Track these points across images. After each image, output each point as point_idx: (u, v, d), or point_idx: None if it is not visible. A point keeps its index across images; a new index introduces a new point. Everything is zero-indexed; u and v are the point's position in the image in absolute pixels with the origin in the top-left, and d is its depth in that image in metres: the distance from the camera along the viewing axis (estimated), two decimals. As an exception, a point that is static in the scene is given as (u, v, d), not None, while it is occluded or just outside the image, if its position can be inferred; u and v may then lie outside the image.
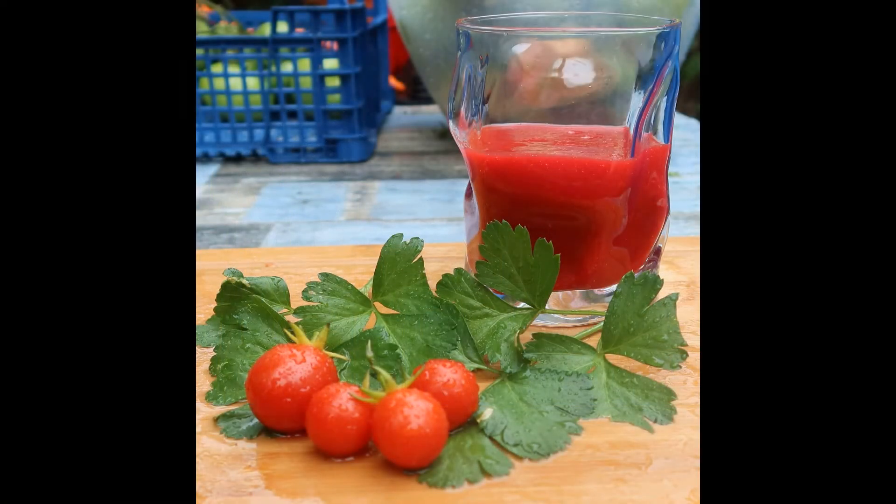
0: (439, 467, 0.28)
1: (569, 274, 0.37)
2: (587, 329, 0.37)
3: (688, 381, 0.33)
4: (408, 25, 0.72)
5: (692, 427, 0.30)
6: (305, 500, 0.26)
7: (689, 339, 0.36)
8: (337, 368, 0.32)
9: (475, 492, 0.27)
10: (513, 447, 0.29)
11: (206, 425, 0.31)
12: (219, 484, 0.27)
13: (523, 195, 0.37)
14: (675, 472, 0.28)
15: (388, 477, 0.27)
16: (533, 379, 0.32)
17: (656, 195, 0.38)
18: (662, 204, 0.39)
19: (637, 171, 0.36)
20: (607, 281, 0.38)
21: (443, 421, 0.27)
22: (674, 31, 0.36)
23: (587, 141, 0.37)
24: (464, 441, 0.29)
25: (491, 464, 0.28)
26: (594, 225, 0.37)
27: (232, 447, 0.29)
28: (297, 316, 0.35)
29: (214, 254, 0.49)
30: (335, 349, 0.34)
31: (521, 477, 0.27)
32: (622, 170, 0.36)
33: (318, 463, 0.28)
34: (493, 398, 0.31)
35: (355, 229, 0.58)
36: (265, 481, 0.27)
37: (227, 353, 0.34)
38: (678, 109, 1.14)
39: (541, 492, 0.27)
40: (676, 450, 0.29)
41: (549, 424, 0.30)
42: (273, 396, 0.29)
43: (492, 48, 0.36)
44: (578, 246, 0.37)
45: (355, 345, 0.34)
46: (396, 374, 0.32)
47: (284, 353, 0.30)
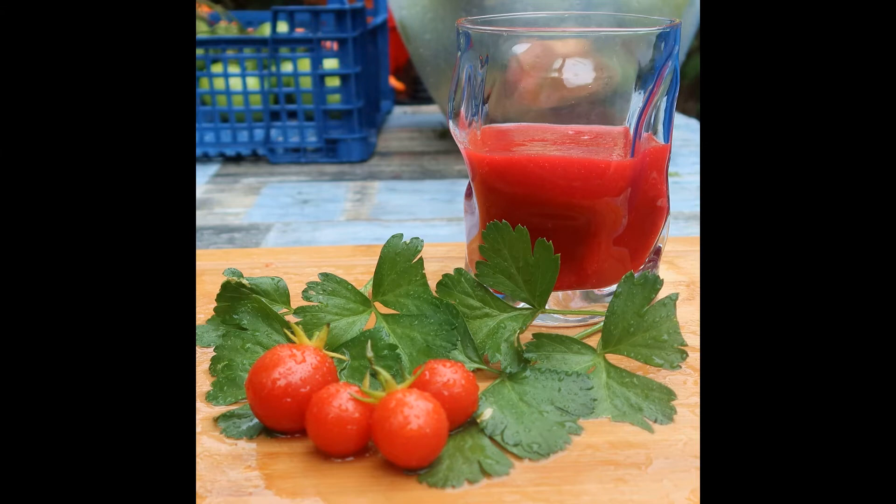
0: (439, 467, 0.28)
1: (569, 274, 0.37)
2: (587, 329, 0.37)
3: (688, 381, 0.33)
4: (408, 25, 0.72)
5: (692, 427, 0.30)
6: (305, 500, 0.26)
7: (689, 339, 0.36)
8: (337, 368, 0.32)
9: (475, 492, 0.27)
10: (513, 447, 0.29)
11: (206, 425, 0.31)
12: (219, 484, 0.27)
13: (523, 195, 0.37)
14: (675, 472, 0.28)
15: (388, 477, 0.27)
16: (533, 379, 0.32)
17: (656, 195, 0.38)
18: (662, 204, 0.39)
19: (637, 171, 0.36)
20: (607, 281, 0.38)
21: (443, 421, 0.27)
22: (674, 31, 0.36)
23: (587, 141, 0.37)
24: (464, 441, 0.29)
25: (491, 464, 0.28)
26: (594, 225, 0.37)
27: (232, 447, 0.29)
28: (297, 316, 0.35)
29: (214, 254, 0.49)
30: (335, 349, 0.34)
31: (521, 477, 0.27)
32: (622, 170, 0.36)
33: (318, 463, 0.28)
34: (493, 398, 0.31)
35: (355, 229, 0.58)
36: (265, 481, 0.27)
37: (227, 353, 0.34)
38: (678, 109, 1.14)
39: (541, 492, 0.27)
40: (676, 450, 0.29)
41: (549, 424, 0.30)
42: (273, 396, 0.29)
43: (492, 48, 0.36)
44: (578, 246, 0.37)
45: (355, 345, 0.34)
46: (396, 374, 0.32)
47: (284, 353, 0.30)
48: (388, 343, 0.34)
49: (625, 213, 0.37)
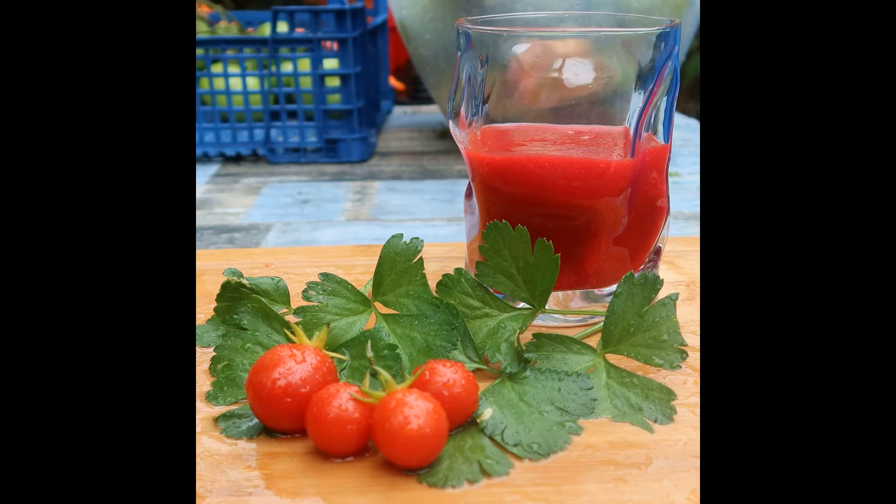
0: (439, 467, 0.28)
1: (568, 274, 0.37)
2: (587, 329, 0.37)
3: (688, 381, 0.33)
4: (408, 25, 0.72)
5: (692, 427, 0.30)
6: (305, 500, 0.26)
7: (689, 339, 0.36)
8: (337, 368, 0.32)
9: (475, 492, 0.27)
10: (513, 447, 0.29)
11: (206, 425, 0.31)
12: (219, 484, 0.27)
13: (523, 195, 0.37)
14: (675, 472, 0.28)
15: (388, 477, 0.27)
16: (533, 379, 0.32)
17: (656, 195, 0.38)
18: (662, 204, 0.39)
19: (637, 171, 0.36)
20: (607, 281, 0.38)
21: (443, 421, 0.27)
22: (674, 31, 0.36)
23: (587, 141, 0.37)
24: (464, 441, 0.29)
25: (491, 464, 0.28)
26: (594, 225, 0.37)
27: (232, 447, 0.29)
28: (297, 316, 0.35)
29: (214, 254, 0.49)
30: (335, 349, 0.34)
31: (521, 477, 0.27)
32: (622, 170, 0.36)
33: (318, 463, 0.28)
34: (493, 398, 0.31)
35: (355, 229, 0.58)
36: (265, 481, 0.27)
37: (227, 353, 0.34)
38: (678, 109, 1.14)
39: (541, 492, 0.27)
40: (676, 450, 0.29)
41: (549, 424, 0.30)
42: (273, 396, 0.29)
43: (492, 48, 0.36)
44: (578, 246, 0.37)
45: (355, 345, 0.34)
46: (396, 374, 0.32)
47: (284, 353, 0.30)
48: (388, 343, 0.34)
49: (625, 212, 0.37)
